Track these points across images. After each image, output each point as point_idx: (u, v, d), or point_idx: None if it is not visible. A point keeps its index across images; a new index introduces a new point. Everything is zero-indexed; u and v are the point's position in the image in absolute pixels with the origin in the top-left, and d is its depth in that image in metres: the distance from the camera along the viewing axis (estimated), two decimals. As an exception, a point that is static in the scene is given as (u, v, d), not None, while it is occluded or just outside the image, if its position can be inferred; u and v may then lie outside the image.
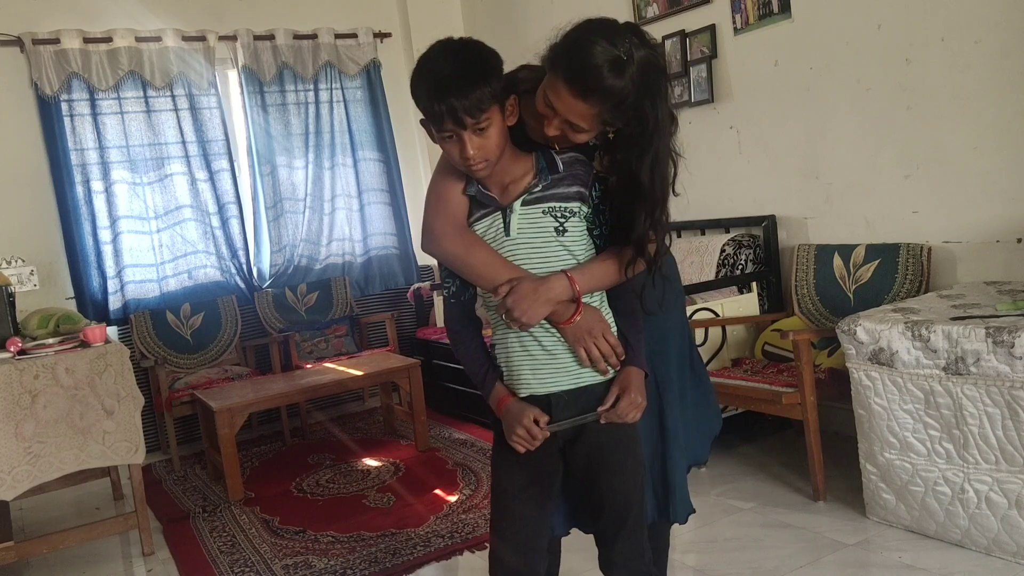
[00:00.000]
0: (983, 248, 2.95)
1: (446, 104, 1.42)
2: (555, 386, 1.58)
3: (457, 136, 1.46)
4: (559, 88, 1.47)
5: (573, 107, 1.48)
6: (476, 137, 1.46)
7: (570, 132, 1.53)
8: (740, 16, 3.68)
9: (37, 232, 4.45)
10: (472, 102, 1.42)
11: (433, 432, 4.28)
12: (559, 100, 1.48)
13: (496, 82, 1.45)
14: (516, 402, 1.59)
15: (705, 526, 2.79)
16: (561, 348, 1.57)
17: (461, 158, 1.48)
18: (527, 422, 1.54)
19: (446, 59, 1.45)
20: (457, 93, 1.41)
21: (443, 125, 1.45)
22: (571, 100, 1.47)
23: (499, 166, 1.52)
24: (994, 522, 2.31)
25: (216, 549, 3.12)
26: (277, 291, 4.97)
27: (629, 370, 1.60)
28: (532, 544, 1.66)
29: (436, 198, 1.60)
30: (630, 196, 1.55)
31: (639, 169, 1.53)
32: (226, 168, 4.88)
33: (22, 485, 2.83)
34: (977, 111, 2.90)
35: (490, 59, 1.47)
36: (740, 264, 3.63)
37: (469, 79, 1.42)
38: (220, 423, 3.59)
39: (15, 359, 2.89)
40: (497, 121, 1.47)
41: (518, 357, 1.59)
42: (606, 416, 1.57)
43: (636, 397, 1.57)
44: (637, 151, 1.53)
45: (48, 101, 4.41)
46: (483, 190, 1.54)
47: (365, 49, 5.25)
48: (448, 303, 1.68)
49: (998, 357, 2.21)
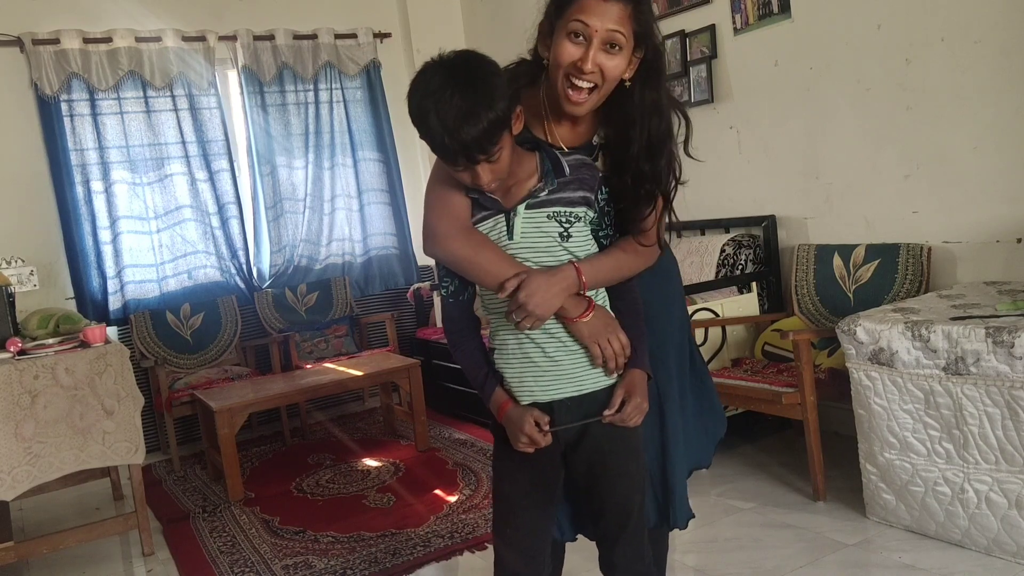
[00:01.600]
0: (983, 248, 2.95)
1: (458, 143, 1.37)
2: (558, 393, 1.55)
3: (469, 168, 1.43)
4: (585, 1, 1.49)
5: (609, 12, 1.49)
6: (489, 165, 1.43)
7: (606, 60, 1.52)
8: (740, 16, 3.68)
9: (37, 232, 4.45)
10: (485, 138, 1.37)
11: (433, 432, 4.28)
12: (593, 16, 1.49)
13: (504, 106, 1.39)
14: (516, 408, 1.56)
15: (705, 526, 2.79)
16: (564, 354, 1.54)
17: (473, 184, 1.46)
18: (529, 428, 1.52)
19: (450, 89, 1.36)
20: (468, 132, 1.35)
21: (456, 162, 1.42)
22: (604, 6, 1.49)
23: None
24: (994, 522, 2.31)
25: (216, 549, 3.12)
26: (277, 291, 4.97)
27: (633, 373, 1.58)
28: (535, 548, 1.66)
29: (437, 199, 1.57)
30: (655, 129, 1.58)
31: (659, 98, 1.57)
32: (226, 168, 4.88)
33: (22, 485, 2.82)
34: (977, 111, 2.90)
35: (493, 80, 1.40)
36: (740, 264, 3.63)
37: (479, 115, 1.35)
38: (220, 423, 3.59)
39: (15, 359, 2.89)
40: (508, 144, 1.44)
41: (520, 363, 1.56)
42: (610, 420, 1.55)
43: (641, 402, 1.55)
44: (655, 77, 1.57)
45: (48, 101, 4.41)
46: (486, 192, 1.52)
47: (365, 49, 5.25)
48: (446, 303, 1.65)
49: (998, 357, 2.21)
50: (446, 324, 1.68)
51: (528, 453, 1.55)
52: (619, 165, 1.62)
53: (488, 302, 1.61)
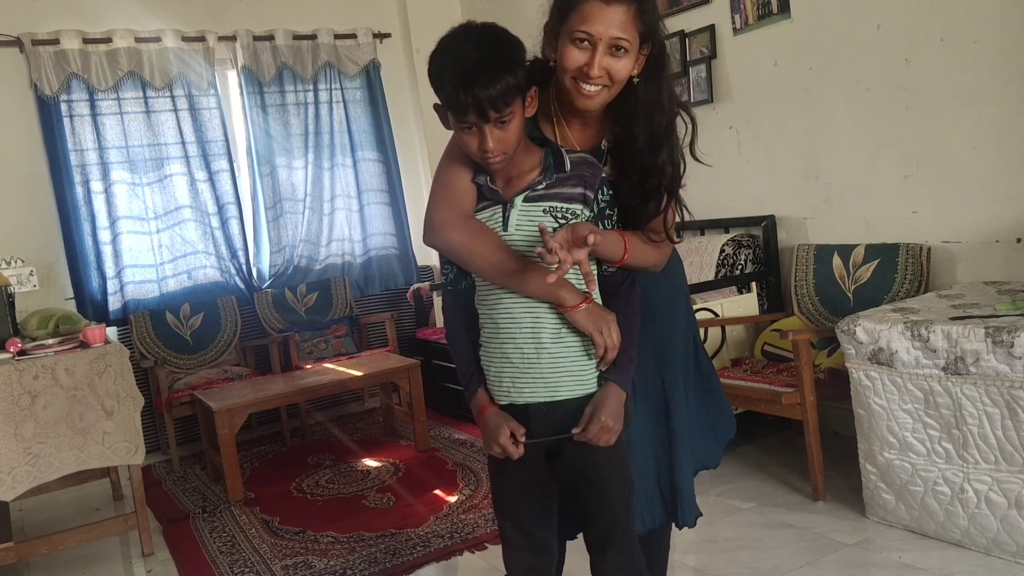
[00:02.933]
0: (982, 248, 2.95)
1: (471, 95, 1.38)
2: (533, 397, 1.54)
3: (478, 128, 1.43)
4: (590, 10, 1.47)
5: (612, 18, 1.47)
6: (497, 130, 1.43)
7: (613, 64, 1.51)
8: (739, 16, 3.69)
9: (37, 232, 4.45)
10: (498, 94, 1.38)
11: (433, 432, 4.28)
12: (596, 22, 1.48)
13: (521, 72, 1.42)
14: (495, 414, 1.56)
15: (705, 526, 2.79)
16: (544, 358, 1.53)
17: (479, 150, 1.45)
18: (504, 440, 1.52)
19: (472, 46, 1.40)
20: (484, 85, 1.37)
21: (466, 116, 1.42)
22: (607, 11, 1.47)
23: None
24: (994, 522, 2.31)
25: (216, 550, 3.12)
26: (277, 291, 4.97)
27: (608, 389, 1.54)
28: (537, 544, 1.66)
29: (441, 187, 1.57)
30: (657, 125, 1.58)
31: (660, 94, 1.57)
32: (225, 168, 4.87)
33: (22, 486, 2.82)
34: (976, 111, 2.90)
35: (515, 48, 1.44)
36: (740, 264, 3.64)
37: (497, 70, 1.38)
38: (220, 423, 3.59)
39: (15, 360, 2.88)
40: (519, 113, 1.44)
41: (500, 362, 1.56)
42: (579, 438, 1.52)
43: (608, 421, 1.50)
44: (659, 73, 1.57)
45: (47, 102, 4.41)
46: (488, 183, 1.52)
47: (364, 49, 5.24)
48: (446, 291, 1.66)
49: (997, 357, 2.21)
50: (444, 314, 1.69)
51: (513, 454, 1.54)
52: (626, 163, 1.62)
53: (479, 295, 1.60)
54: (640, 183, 1.59)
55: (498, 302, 1.55)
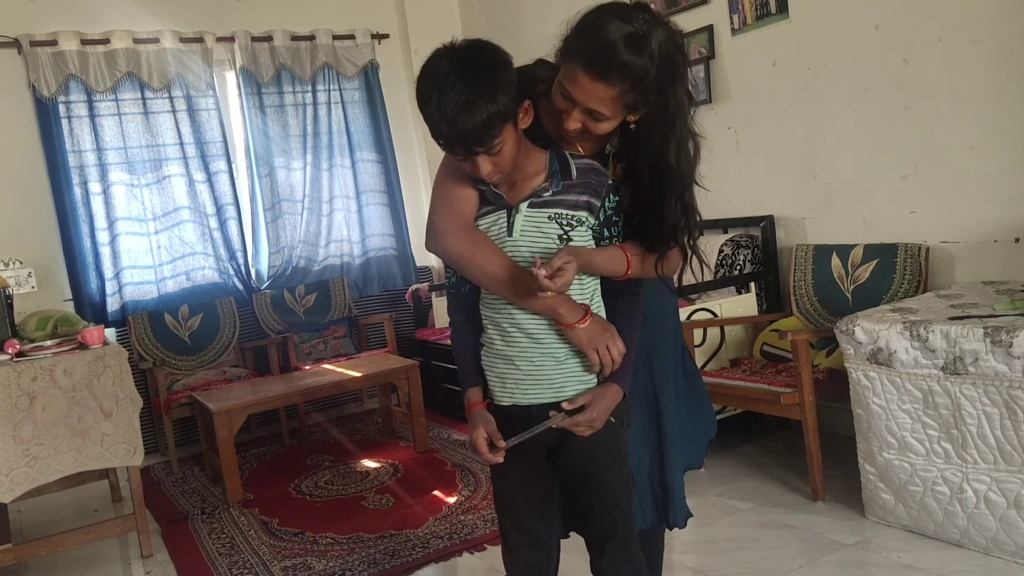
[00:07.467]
0: (981, 248, 2.95)
1: (455, 133, 1.37)
2: (537, 398, 1.55)
3: (469, 160, 1.43)
4: (576, 74, 1.42)
5: (592, 92, 1.42)
6: (490, 157, 1.42)
7: (592, 123, 1.48)
8: (738, 16, 3.69)
9: (35, 234, 4.44)
10: (483, 129, 1.36)
11: (432, 433, 4.27)
12: (577, 88, 1.43)
13: (506, 97, 1.37)
14: (478, 413, 1.57)
15: (704, 526, 2.79)
16: (548, 360, 1.53)
17: (474, 175, 1.46)
18: (480, 447, 1.52)
19: (454, 76, 1.35)
20: (466, 121, 1.34)
21: (453, 152, 1.42)
22: (589, 84, 1.41)
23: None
24: (993, 522, 2.31)
25: (215, 551, 3.12)
26: (275, 292, 4.97)
27: (609, 388, 1.54)
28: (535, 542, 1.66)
29: (442, 193, 1.57)
30: (659, 183, 1.51)
31: (666, 151, 1.49)
32: (224, 169, 4.87)
33: (20, 487, 2.82)
34: (975, 111, 2.90)
35: (500, 70, 1.39)
36: (738, 264, 3.64)
37: (477, 105, 1.34)
38: (219, 425, 3.58)
39: (13, 361, 2.88)
40: (510, 138, 1.42)
41: (503, 364, 1.57)
42: (560, 423, 1.49)
43: (595, 415, 1.49)
44: (662, 134, 1.48)
45: (46, 103, 4.41)
46: (492, 188, 1.51)
47: (363, 50, 5.24)
48: (449, 293, 1.67)
49: (996, 357, 2.22)
50: (449, 314, 1.69)
51: (515, 451, 1.53)
52: (632, 197, 1.59)
53: (483, 298, 1.60)
54: (661, 189, 1.55)
55: (503, 306, 1.55)
